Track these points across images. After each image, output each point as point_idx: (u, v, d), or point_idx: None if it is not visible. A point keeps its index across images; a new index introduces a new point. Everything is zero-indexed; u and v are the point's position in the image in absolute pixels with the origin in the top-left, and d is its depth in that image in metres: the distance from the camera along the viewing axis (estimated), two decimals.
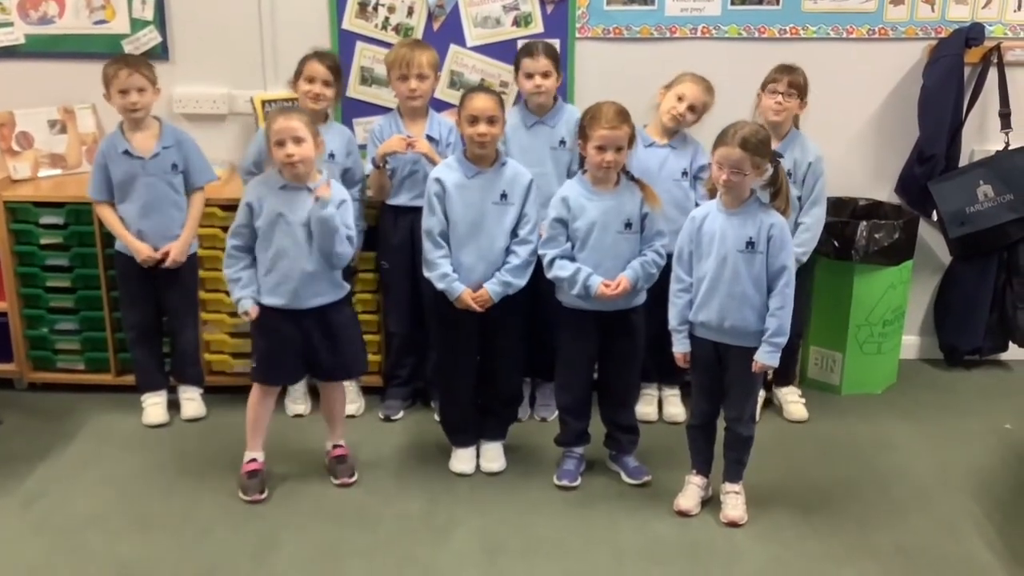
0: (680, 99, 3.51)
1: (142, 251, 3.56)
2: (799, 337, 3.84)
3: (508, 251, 3.23)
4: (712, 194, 3.08)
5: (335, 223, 3.07)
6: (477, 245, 3.21)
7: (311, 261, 3.12)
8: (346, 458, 3.35)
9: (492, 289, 3.20)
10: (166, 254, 3.57)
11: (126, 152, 3.53)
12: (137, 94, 3.49)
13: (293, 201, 3.09)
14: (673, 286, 3.09)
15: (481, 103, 3.14)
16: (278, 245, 3.11)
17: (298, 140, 3.03)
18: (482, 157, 3.21)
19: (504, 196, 3.21)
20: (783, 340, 2.97)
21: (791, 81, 3.53)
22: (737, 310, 2.96)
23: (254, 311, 3.16)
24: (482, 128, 3.13)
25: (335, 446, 3.37)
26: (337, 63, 3.63)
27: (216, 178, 3.74)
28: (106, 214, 3.58)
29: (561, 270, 3.16)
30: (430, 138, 3.58)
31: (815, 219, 3.59)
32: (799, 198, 3.57)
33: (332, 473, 3.34)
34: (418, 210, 3.38)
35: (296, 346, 3.20)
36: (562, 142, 3.59)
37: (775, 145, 3.46)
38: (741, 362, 3.01)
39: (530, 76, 3.52)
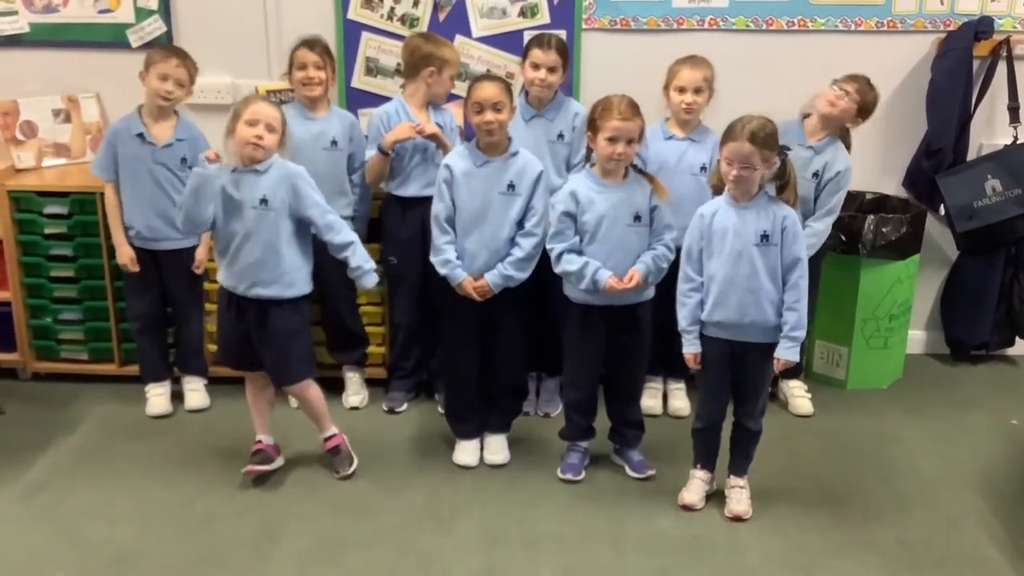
0: (682, 91, 3.46)
1: (124, 254, 3.59)
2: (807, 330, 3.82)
3: (512, 242, 3.22)
4: (716, 190, 3.04)
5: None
6: (481, 233, 3.20)
7: (256, 247, 3.05)
8: (340, 448, 3.32)
9: (492, 280, 3.19)
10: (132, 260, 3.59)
11: (140, 135, 3.52)
12: (175, 85, 3.49)
13: (241, 183, 3.06)
14: (682, 286, 3.04)
15: (486, 91, 3.12)
16: (231, 226, 3.07)
17: (271, 128, 3.02)
18: (492, 146, 3.19)
19: (511, 187, 3.19)
20: (802, 334, 2.95)
21: (859, 88, 3.48)
22: (756, 305, 2.93)
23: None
24: (488, 116, 3.11)
25: (325, 439, 3.34)
26: (326, 46, 3.59)
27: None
28: (110, 195, 3.57)
29: (569, 264, 3.13)
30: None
31: (824, 227, 3.54)
32: (815, 199, 3.53)
33: (331, 468, 3.32)
34: (429, 200, 3.35)
35: (241, 334, 3.16)
36: (560, 136, 3.56)
37: (815, 140, 3.47)
38: (759, 359, 2.98)
39: (537, 67, 3.49)
